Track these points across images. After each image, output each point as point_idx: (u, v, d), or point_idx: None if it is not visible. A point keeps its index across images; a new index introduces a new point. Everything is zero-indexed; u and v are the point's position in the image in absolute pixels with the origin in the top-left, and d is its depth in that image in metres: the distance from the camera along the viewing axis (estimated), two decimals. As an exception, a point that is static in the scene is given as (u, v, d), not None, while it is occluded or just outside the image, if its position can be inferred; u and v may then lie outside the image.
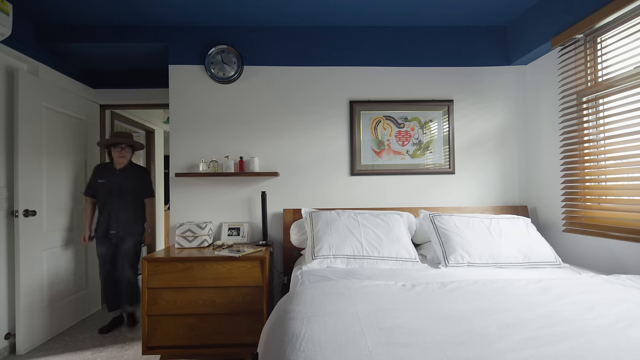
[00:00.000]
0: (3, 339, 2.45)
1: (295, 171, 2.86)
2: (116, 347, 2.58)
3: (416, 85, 2.90)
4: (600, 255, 2.21)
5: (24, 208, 2.51)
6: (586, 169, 2.31)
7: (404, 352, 1.02)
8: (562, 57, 2.48)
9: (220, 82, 2.81)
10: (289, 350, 1.07)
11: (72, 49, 2.94)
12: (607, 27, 2.12)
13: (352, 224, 2.38)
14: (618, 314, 1.28)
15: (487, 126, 2.92)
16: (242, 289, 2.23)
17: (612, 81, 2.11)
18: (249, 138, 2.85)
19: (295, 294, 1.55)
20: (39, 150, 2.68)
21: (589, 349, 1.04)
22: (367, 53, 2.88)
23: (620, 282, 1.67)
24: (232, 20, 2.76)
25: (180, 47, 2.83)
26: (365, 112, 2.87)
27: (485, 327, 1.19)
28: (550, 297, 1.48)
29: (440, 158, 2.89)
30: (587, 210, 2.30)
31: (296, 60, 2.87)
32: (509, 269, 2.11)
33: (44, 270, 2.71)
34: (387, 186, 2.88)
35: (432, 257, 2.33)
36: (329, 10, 2.63)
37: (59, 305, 2.85)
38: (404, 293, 1.55)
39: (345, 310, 1.32)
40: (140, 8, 2.57)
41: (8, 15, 2.20)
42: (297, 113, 2.87)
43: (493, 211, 2.81)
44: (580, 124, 2.35)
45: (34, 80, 2.64)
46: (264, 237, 2.67)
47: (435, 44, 2.90)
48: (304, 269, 2.13)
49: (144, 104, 3.61)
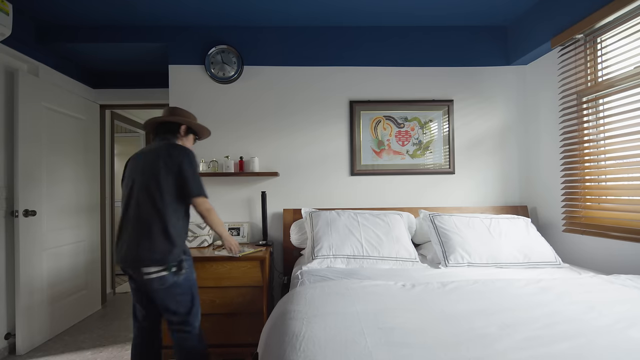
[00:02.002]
0: (3, 339, 2.45)
1: (295, 171, 2.86)
2: (116, 347, 2.58)
3: (416, 85, 2.90)
4: (600, 255, 2.21)
5: (24, 208, 2.51)
6: (586, 169, 2.31)
7: (404, 352, 1.02)
8: (562, 57, 2.48)
9: (220, 82, 2.81)
10: (289, 351, 1.07)
11: (72, 49, 2.94)
12: (607, 27, 2.12)
13: (352, 224, 2.38)
14: (618, 314, 1.28)
15: (487, 126, 2.92)
16: (242, 289, 2.23)
17: (612, 81, 2.11)
18: (249, 138, 2.85)
19: (295, 294, 1.55)
20: (39, 150, 2.68)
21: (589, 349, 1.04)
22: (367, 53, 2.88)
23: (620, 282, 1.67)
24: (232, 20, 2.76)
25: (180, 47, 2.83)
26: (365, 112, 2.87)
27: (485, 327, 1.19)
28: (550, 297, 1.48)
29: (440, 158, 2.89)
30: (587, 210, 2.30)
31: (296, 60, 2.87)
32: (509, 269, 2.11)
33: (44, 270, 2.71)
34: (387, 186, 2.88)
35: (432, 257, 2.33)
36: (329, 10, 2.63)
37: (59, 305, 2.85)
38: (404, 293, 1.55)
39: (345, 310, 1.32)
40: (141, 8, 2.57)
41: (8, 15, 2.20)
42: (297, 113, 2.87)
43: (493, 211, 2.81)
44: (580, 124, 2.35)
45: (34, 80, 2.64)
46: (264, 237, 2.67)
47: (435, 44, 2.90)
48: (304, 269, 2.13)
49: (144, 104, 3.61)
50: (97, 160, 3.44)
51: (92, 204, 3.34)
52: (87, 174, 3.26)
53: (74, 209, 3.09)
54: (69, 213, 3.02)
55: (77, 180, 3.13)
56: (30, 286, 2.56)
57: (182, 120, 1.86)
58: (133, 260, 1.64)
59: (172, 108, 1.90)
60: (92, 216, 3.33)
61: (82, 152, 3.20)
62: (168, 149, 1.72)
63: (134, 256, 1.63)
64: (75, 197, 3.10)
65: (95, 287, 3.38)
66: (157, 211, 1.65)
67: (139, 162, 1.76)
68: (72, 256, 3.04)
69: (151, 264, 1.62)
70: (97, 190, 3.43)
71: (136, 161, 1.78)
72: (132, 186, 1.71)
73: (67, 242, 2.99)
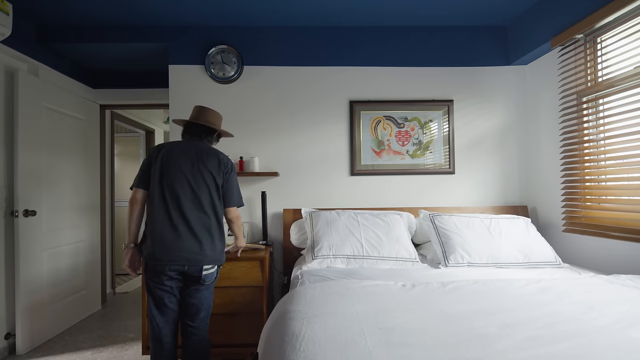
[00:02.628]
0: (3, 339, 2.45)
1: (295, 171, 2.86)
2: (116, 347, 2.58)
3: (416, 85, 2.90)
4: (600, 255, 2.21)
5: (24, 208, 2.51)
6: (586, 169, 2.31)
7: (404, 352, 1.02)
8: (562, 57, 2.48)
9: (220, 82, 2.81)
10: (289, 351, 1.07)
11: (72, 49, 2.94)
12: (607, 27, 2.12)
13: (352, 224, 2.38)
14: (618, 314, 1.28)
15: (487, 126, 2.92)
16: (242, 289, 2.23)
17: (612, 81, 2.11)
18: (249, 138, 2.85)
19: (295, 294, 1.55)
20: (38, 150, 2.68)
21: (589, 349, 1.04)
22: (367, 53, 2.88)
23: (620, 282, 1.67)
24: (232, 20, 2.76)
25: (180, 47, 2.83)
26: (365, 112, 2.87)
27: (485, 327, 1.19)
28: (550, 297, 1.48)
29: (440, 158, 2.89)
30: (587, 210, 2.30)
31: (296, 60, 2.87)
32: (509, 269, 2.11)
33: (44, 270, 2.71)
34: (387, 186, 2.88)
35: (432, 257, 2.33)
36: (329, 10, 2.63)
37: (59, 305, 2.85)
38: (404, 293, 1.55)
39: (345, 310, 1.32)
40: (141, 8, 2.57)
41: (8, 15, 2.20)
42: (297, 113, 2.87)
43: (493, 211, 2.81)
44: (580, 124, 2.35)
45: (34, 80, 2.64)
46: (264, 237, 2.67)
47: (435, 44, 2.90)
48: (304, 269, 2.13)
49: (144, 104, 3.60)
50: (97, 160, 3.44)
51: (92, 203, 3.34)
52: (87, 173, 3.26)
53: (74, 209, 3.08)
54: (69, 213, 3.01)
55: (77, 180, 3.13)
56: (30, 286, 2.56)
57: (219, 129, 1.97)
58: (195, 256, 1.70)
59: (206, 110, 1.93)
60: (92, 216, 3.33)
61: (82, 152, 3.20)
62: (217, 155, 1.83)
63: (197, 252, 1.70)
64: (75, 197, 3.10)
65: (95, 287, 3.38)
66: (214, 210, 1.78)
67: (183, 156, 1.77)
68: (72, 256, 3.04)
69: (211, 261, 1.74)
70: (97, 190, 3.43)
71: (179, 154, 1.78)
72: (181, 179, 1.73)
73: (67, 242, 2.99)
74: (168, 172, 1.74)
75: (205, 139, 1.91)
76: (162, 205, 1.71)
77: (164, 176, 1.74)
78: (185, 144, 1.85)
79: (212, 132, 1.95)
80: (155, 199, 1.72)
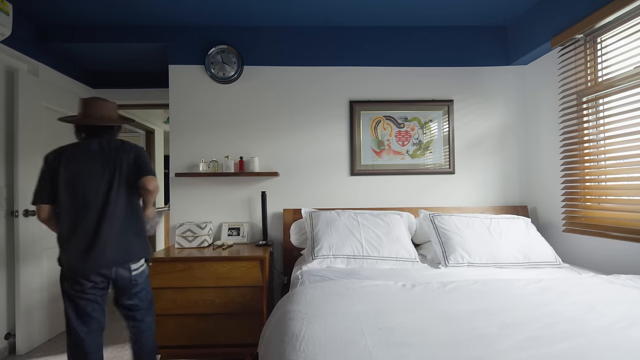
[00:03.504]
0: (3, 339, 2.45)
1: (295, 171, 2.86)
2: (116, 347, 2.58)
3: (416, 85, 2.90)
4: (600, 255, 2.21)
5: (24, 208, 2.50)
6: (586, 169, 2.31)
7: (404, 352, 1.02)
8: (562, 57, 2.48)
9: (220, 82, 2.81)
10: (289, 351, 1.07)
11: (72, 49, 2.94)
12: (607, 27, 2.12)
13: (352, 224, 2.38)
14: (618, 314, 1.28)
15: (487, 126, 2.92)
16: (242, 289, 2.23)
17: (612, 81, 2.11)
18: (249, 138, 2.85)
19: (295, 294, 1.55)
20: (39, 150, 2.68)
21: (589, 349, 1.04)
22: (368, 53, 2.88)
23: (620, 282, 1.67)
24: (232, 20, 2.76)
25: (180, 47, 2.83)
26: (365, 112, 2.87)
27: (485, 327, 1.19)
28: (551, 297, 1.48)
29: (440, 158, 2.89)
30: (587, 210, 2.30)
31: (296, 60, 2.86)
32: (509, 269, 2.11)
33: (44, 270, 2.70)
34: (387, 186, 2.88)
35: (432, 257, 2.32)
36: (329, 10, 2.62)
37: (59, 305, 2.84)
38: (404, 293, 1.55)
39: (345, 310, 1.32)
40: (140, 8, 2.57)
41: (8, 15, 2.20)
42: (297, 113, 2.86)
43: (493, 211, 2.81)
44: (580, 124, 2.35)
45: (34, 80, 2.64)
46: (264, 237, 2.67)
47: (435, 44, 2.90)
48: (304, 269, 2.13)
49: (144, 104, 3.61)
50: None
51: (92, 204, 3.33)
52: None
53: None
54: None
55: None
56: (30, 286, 2.56)
57: (119, 122, 1.80)
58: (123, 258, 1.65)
59: (95, 102, 1.72)
60: (92, 216, 3.32)
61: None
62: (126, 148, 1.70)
63: (124, 253, 1.65)
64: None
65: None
66: (132, 209, 1.71)
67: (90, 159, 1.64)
68: (72, 256, 3.03)
69: (137, 257, 1.70)
70: (97, 190, 3.43)
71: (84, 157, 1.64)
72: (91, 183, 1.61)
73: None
74: (75, 178, 1.61)
75: (105, 137, 1.72)
76: (75, 214, 1.60)
77: (71, 183, 1.61)
78: (87, 145, 1.68)
79: (112, 127, 1.76)
80: (67, 209, 1.61)
